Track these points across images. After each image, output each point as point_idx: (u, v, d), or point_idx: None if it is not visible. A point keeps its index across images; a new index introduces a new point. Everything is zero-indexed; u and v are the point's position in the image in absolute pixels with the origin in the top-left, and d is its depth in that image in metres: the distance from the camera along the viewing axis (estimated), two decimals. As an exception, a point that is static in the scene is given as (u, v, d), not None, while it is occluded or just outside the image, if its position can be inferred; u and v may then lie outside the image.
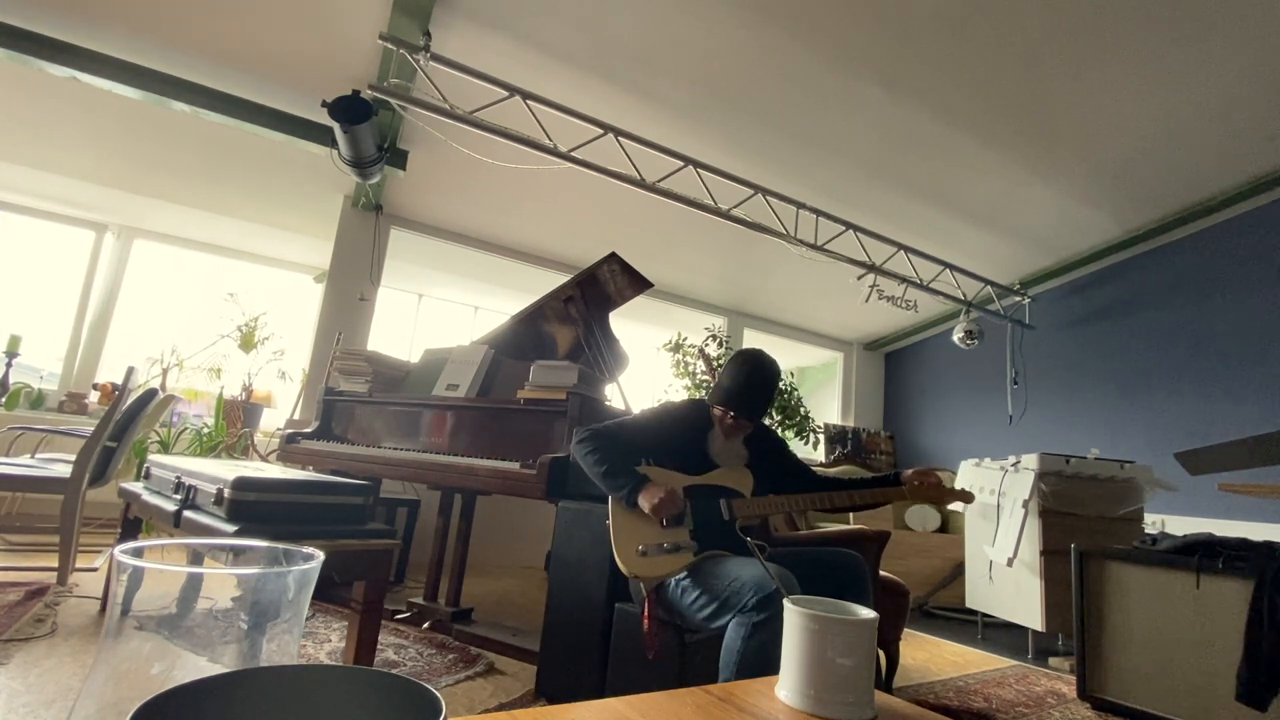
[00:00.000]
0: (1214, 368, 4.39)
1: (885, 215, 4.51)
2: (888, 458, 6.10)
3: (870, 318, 6.06)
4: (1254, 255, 4.33)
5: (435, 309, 5.77)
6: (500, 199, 4.31)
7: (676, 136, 3.72)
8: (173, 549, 0.48)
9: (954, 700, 2.25)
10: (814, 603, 0.89)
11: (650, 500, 1.60)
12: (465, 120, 3.22)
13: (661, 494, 1.60)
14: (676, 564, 1.58)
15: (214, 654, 0.41)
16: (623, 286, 2.79)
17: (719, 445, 1.84)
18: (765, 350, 1.87)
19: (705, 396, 2.41)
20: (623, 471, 1.68)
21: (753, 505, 1.73)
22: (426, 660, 2.12)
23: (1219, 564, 2.04)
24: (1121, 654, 2.23)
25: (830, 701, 0.81)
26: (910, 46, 3.14)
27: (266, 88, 3.39)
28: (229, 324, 4.31)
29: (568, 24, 3.04)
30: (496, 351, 2.76)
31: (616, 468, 1.69)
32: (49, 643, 1.88)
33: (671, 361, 5.32)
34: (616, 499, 1.68)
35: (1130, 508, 3.02)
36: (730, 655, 1.41)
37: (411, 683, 0.39)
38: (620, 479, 1.67)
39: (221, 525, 1.53)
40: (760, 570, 1.44)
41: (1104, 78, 3.32)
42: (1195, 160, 3.97)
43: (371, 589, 1.65)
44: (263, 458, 3.90)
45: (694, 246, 4.91)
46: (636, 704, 0.79)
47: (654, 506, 1.60)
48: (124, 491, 2.21)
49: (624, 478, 1.67)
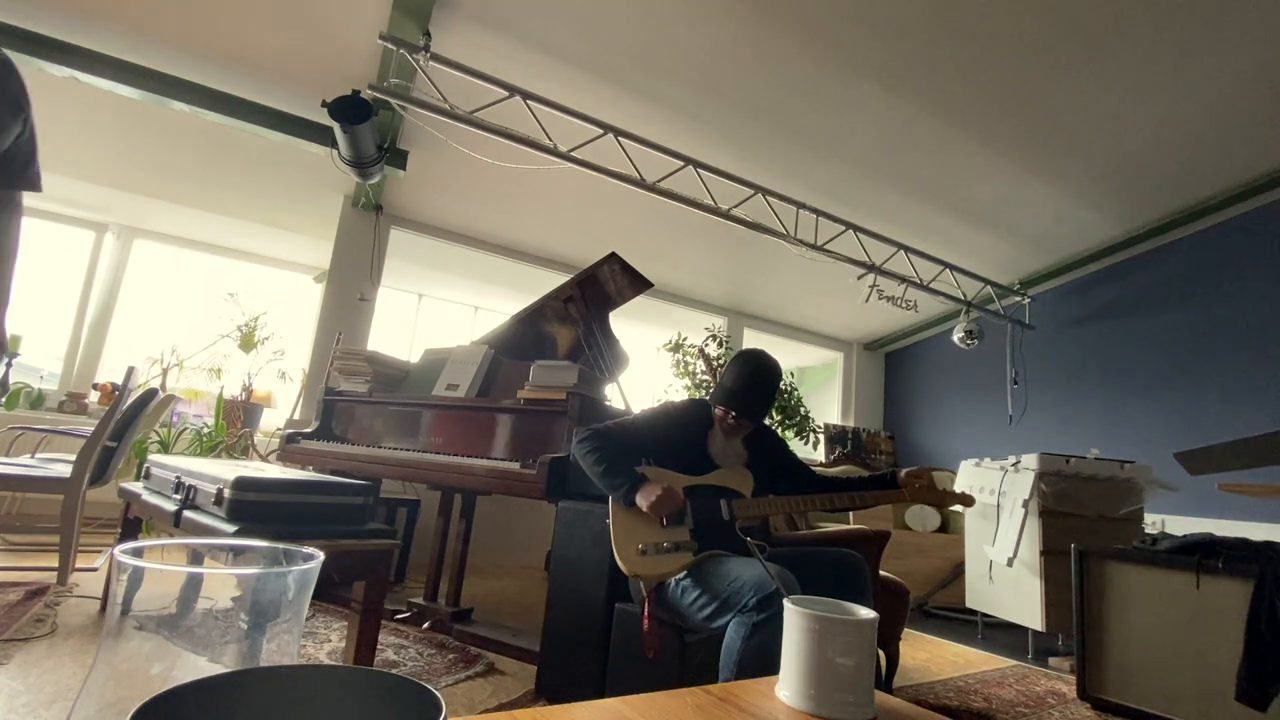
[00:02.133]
0: (1214, 368, 4.39)
1: (885, 215, 4.51)
2: (888, 458, 6.10)
3: (870, 318, 6.07)
4: (1254, 255, 4.33)
5: (435, 309, 5.77)
6: (500, 199, 4.31)
7: (676, 136, 3.72)
8: (173, 549, 0.48)
9: (954, 700, 2.25)
10: (814, 603, 0.89)
11: (648, 499, 1.61)
12: (465, 120, 3.22)
13: (659, 492, 1.61)
14: (677, 564, 1.58)
15: (214, 654, 0.41)
16: (623, 286, 2.78)
17: (719, 445, 1.84)
18: (766, 350, 1.87)
19: (706, 396, 2.41)
20: (621, 471, 1.68)
21: (753, 505, 1.73)
22: (426, 660, 2.12)
23: (1219, 564, 2.04)
24: (1121, 654, 2.23)
25: (830, 701, 0.81)
26: (910, 46, 3.14)
27: (266, 88, 3.39)
28: (229, 324, 4.31)
29: (568, 24, 3.04)
30: (496, 351, 2.76)
31: (615, 467, 1.69)
32: (49, 643, 1.88)
33: (671, 361, 5.32)
34: (615, 498, 1.68)
35: (1130, 508, 3.02)
36: (730, 655, 1.41)
37: (411, 683, 0.39)
38: (619, 478, 1.67)
39: (221, 525, 1.53)
40: (760, 570, 1.44)
41: (1104, 78, 3.32)
42: (1195, 160, 3.98)
43: (371, 589, 1.65)
44: (263, 458, 3.90)
45: (694, 246, 4.91)
46: (636, 704, 0.79)
47: (651, 505, 1.60)
48: (124, 491, 2.21)
49: (622, 477, 1.67)
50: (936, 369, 6.35)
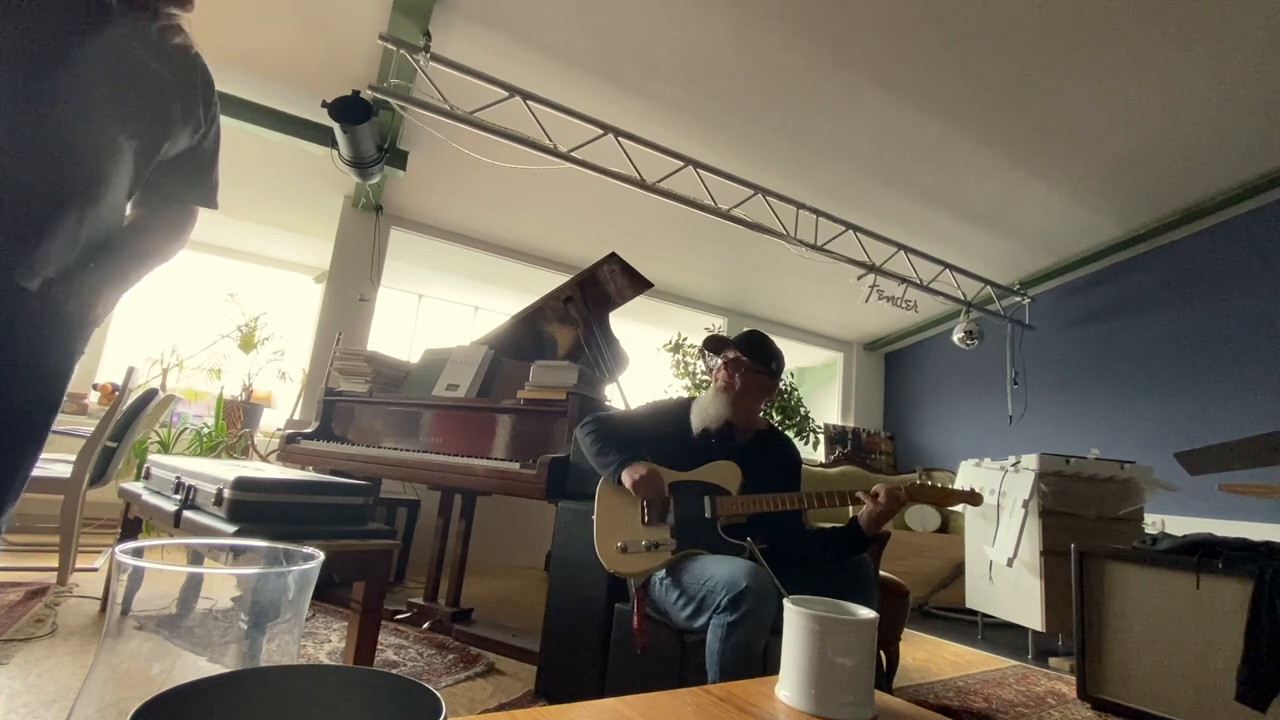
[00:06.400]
0: (1214, 367, 4.39)
1: (885, 215, 4.51)
2: (888, 458, 6.10)
3: (870, 318, 6.07)
4: (1254, 255, 4.33)
5: (435, 309, 5.78)
6: (500, 199, 4.31)
7: (676, 136, 3.72)
8: (173, 549, 0.48)
9: (954, 700, 2.25)
10: (814, 603, 0.89)
11: (633, 476, 1.63)
12: (465, 120, 3.22)
13: (644, 471, 1.62)
14: (654, 561, 1.58)
15: (214, 654, 0.41)
16: (623, 286, 2.78)
17: (713, 437, 1.81)
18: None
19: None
20: (614, 450, 1.71)
21: (737, 503, 1.70)
22: (426, 660, 2.12)
23: (1219, 564, 2.04)
24: (1121, 654, 2.23)
25: (830, 701, 0.81)
26: (910, 47, 3.14)
27: (266, 88, 3.39)
28: (229, 324, 4.31)
29: (568, 24, 3.04)
30: (496, 352, 2.76)
31: (609, 446, 1.72)
32: (49, 643, 1.88)
33: (671, 361, 5.32)
34: (605, 481, 1.71)
35: (1130, 508, 3.02)
36: (711, 658, 1.40)
37: (411, 683, 0.39)
38: (611, 456, 1.70)
39: (221, 525, 1.53)
40: (733, 568, 1.43)
41: (1104, 77, 3.32)
42: (1195, 160, 3.97)
43: (371, 589, 1.65)
44: (263, 458, 3.90)
45: (694, 246, 4.91)
46: (636, 704, 0.79)
47: (634, 483, 1.62)
48: (124, 491, 2.21)
49: (614, 455, 1.70)
50: (936, 369, 6.35)
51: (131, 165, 1.01)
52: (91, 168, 0.95)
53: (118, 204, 1.03)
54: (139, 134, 1.00)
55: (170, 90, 1.04)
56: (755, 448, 1.84)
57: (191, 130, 1.10)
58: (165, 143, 1.06)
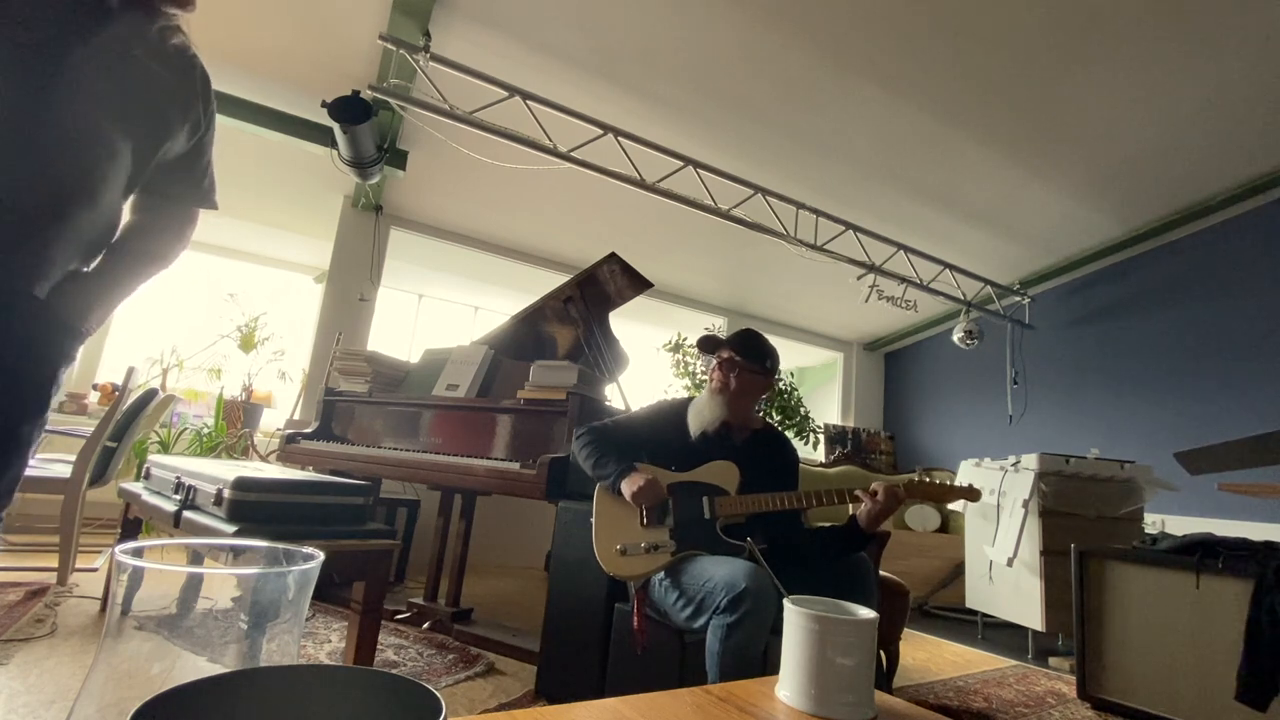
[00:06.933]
0: (1214, 367, 4.39)
1: (885, 215, 4.51)
2: (888, 458, 6.10)
3: (870, 318, 6.07)
4: (1254, 255, 4.33)
5: (435, 309, 5.78)
6: (500, 199, 4.31)
7: (676, 136, 3.72)
8: (173, 549, 0.48)
9: (954, 700, 2.25)
10: (814, 603, 0.89)
11: (632, 487, 1.62)
12: (465, 120, 3.22)
13: (642, 482, 1.62)
14: (654, 563, 1.58)
15: (214, 654, 0.41)
16: (623, 286, 2.78)
17: (711, 436, 1.81)
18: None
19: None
20: (612, 460, 1.70)
21: (735, 504, 1.70)
22: (426, 660, 2.12)
23: (1219, 564, 2.04)
24: (1121, 654, 2.23)
25: (830, 701, 0.81)
26: (910, 47, 3.14)
27: (266, 87, 3.39)
28: (229, 324, 4.31)
29: (568, 24, 3.04)
30: (496, 352, 2.76)
31: (606, 458, 1.72)
32: (49, 643, 1.88)
33: (671, 361, 5.32)
34: (603, 488, 1.70)
35: (1130, 508, 3.02)
36: (711, 659, 1.39)
37: (411, 683, 0.39)
38: (609, 467, 1.69)
39: (221, 525, 1.53)
40: (732, 569, 1.43)
41: (1104, 77, 3.32)
42: (1195, 160, 3.98)
43: (371, 589, 1.65)
44: (263, 458, 3.90)
45: (694, 246, 4.91)
46: (636, 704, 0.79)
47: (634, 493, 1.62)
48: (124, 491, 2.21)
49: (612, 466, 1.69)
50: (936, 369, 6.35)
51: (129, 165, 1.00)
52: (90, 168, 0.94)
53: (114, 204, 1.02)
54: (137, 134, 1.00)
55: (169, 91, 1.04)
56: (753, 447, 1.84)
57: (190, 131, 1.10)
58: (164, 143, 1.05)
